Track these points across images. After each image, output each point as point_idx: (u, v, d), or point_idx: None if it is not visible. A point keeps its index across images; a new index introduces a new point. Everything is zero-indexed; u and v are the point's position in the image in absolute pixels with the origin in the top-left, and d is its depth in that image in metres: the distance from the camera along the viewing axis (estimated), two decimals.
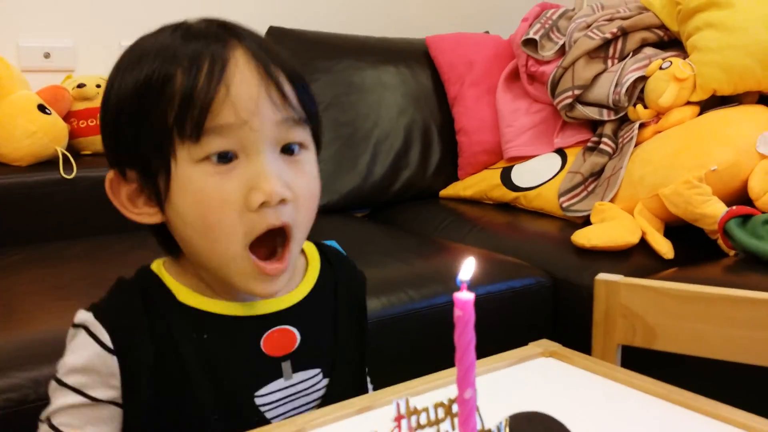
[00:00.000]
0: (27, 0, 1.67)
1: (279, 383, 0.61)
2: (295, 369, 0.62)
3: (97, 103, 1.62)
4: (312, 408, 0.63)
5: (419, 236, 1.63)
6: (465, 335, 0.34)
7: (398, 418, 0.36)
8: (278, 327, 0.62)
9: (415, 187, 1.92)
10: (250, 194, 0.56)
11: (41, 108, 1.51)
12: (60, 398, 0.59)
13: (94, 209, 1.34)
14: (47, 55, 1.72)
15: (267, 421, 0.60)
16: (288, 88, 0.59)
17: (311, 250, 0.70)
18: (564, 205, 1.62)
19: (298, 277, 0.66)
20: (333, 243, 1.19)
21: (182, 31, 0.60)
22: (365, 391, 0.71)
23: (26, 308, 1.13)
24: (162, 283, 0.62)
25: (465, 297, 0.34)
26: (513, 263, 1.40)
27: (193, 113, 0.55)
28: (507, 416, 0.41)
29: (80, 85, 1.62)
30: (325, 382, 0.64)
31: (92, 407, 0.59)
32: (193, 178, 0.56)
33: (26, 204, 1.44)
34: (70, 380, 0.59)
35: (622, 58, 1.69)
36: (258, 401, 0.60)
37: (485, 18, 2.31)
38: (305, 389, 0.63)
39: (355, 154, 1.85)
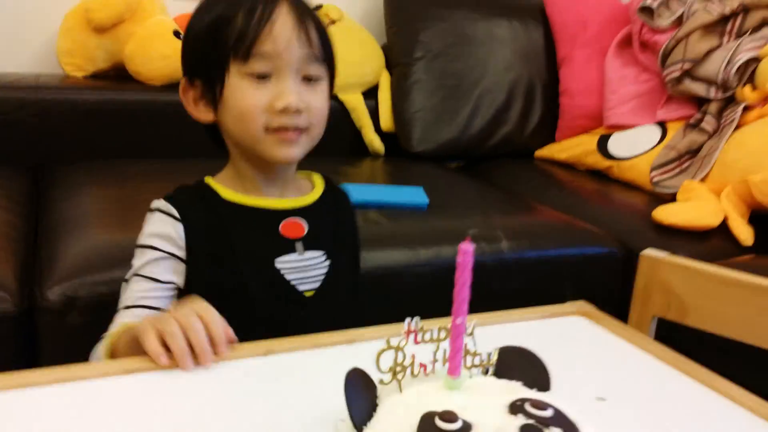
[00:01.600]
0: None
1: (294, 256, 0.82)
2: (306, 248, 0.83)
3: None
4: (319, 278, 0.83)
5: (506, 192, 1.69)
6: (463, 276, 0.43)
7: (408, 332, 0.46)
8: (292, 218, 0.83)
9: (512, 144, 1.96)
10: (275, 101, 0.78)
11: (176, 34, 1.67)
12: (143, 257, 0.78)
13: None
14: None
15: (286, 281, 0.81)
16: (313, 34, 0.79)
17: (320, 180, 0.90)
18: (654, 179, 1.63)
19: (308, 191, 0.87)
20: (349, 186, 1.29)
21: None
22: (359, 274, 0.92)
23: (141, 211, 1.30)
24: (211, 188, 0.83)
25: (467, 247, 0.43)
26: (589, 231, 1.44)
27: (246, 42, 0.77)
28: (498, 347, 0.50)
29: None
30: (328, 262, 0.84)
31: (170, 259, 0.78)
32: (239, 87, 0.78)
33: (156, 120, 1.61)
34: (149, 241, 0.78)
35: (739, 36, 1.65)
36: (277, 265, 0.81)
37: None
38: (313, 264, 0.83)
39: (457, 106, 1.90)
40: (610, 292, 1.40)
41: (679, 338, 0.84)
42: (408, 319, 0.46)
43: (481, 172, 1.90)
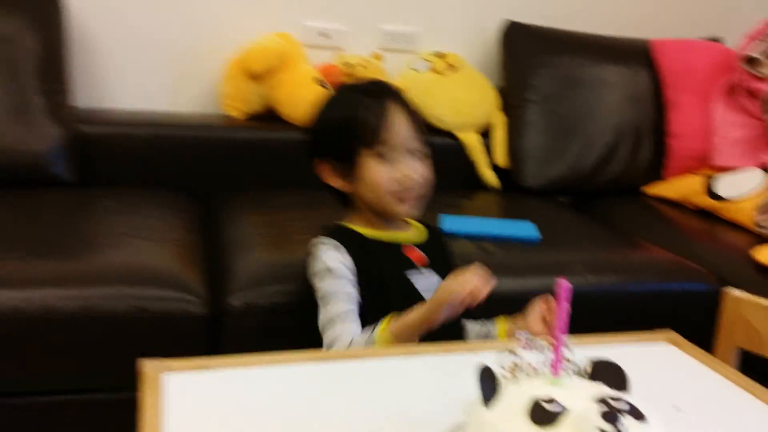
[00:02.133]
0: None
1: (416, 272, 1.12)
2: (426, 269, 1.12)
3: (359, 77, 2.00)
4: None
5: (612, 227, 1.82)
6: (562, 302, 0.61)
7: (522, 343, 0.64)
8: (410, 246, 1.14)
9: (620, 181, 2.09)
10: (396, 173, 1.08)
11: (318, 81, 1.93)
12: (335, 278, 1.05)
13: None
14: (324, 35, 2.13)
15: (416, 289, 1.08)
16: (415, 121, 1.10)
17: (419, 223, 1.20)
18: (758, 220, 1.71)
19: (411, 229, 1.18)
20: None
21: (363, 89, 1.14)
22: None
23: (293, 237, 1.53)
24: (349, 228, 1.13)
25: (564, 282, 0.61)
26: (690, 267, 1.55)
27: (373, 133, 1.07)
28: (590, 358, 0.67)
29: (347, 64, 2.02)
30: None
31: (352, 280, 1.07)
32: (370, 165, 1.08)
33: (300, 156, 1.86)
34: (337, 267, 1.06)
35: None
36: (408, 276, 1.10)
37: (716, 22, 2.33)
38: (433, 281, 1.11)
39: (566, 145, 2.05)
40: (709, 325, 1.51)
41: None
42: (522, 333, 0.65)
43: (590, 208, 2.04)
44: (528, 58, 2.13)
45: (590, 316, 1.44)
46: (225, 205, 1.68)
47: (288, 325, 1.21)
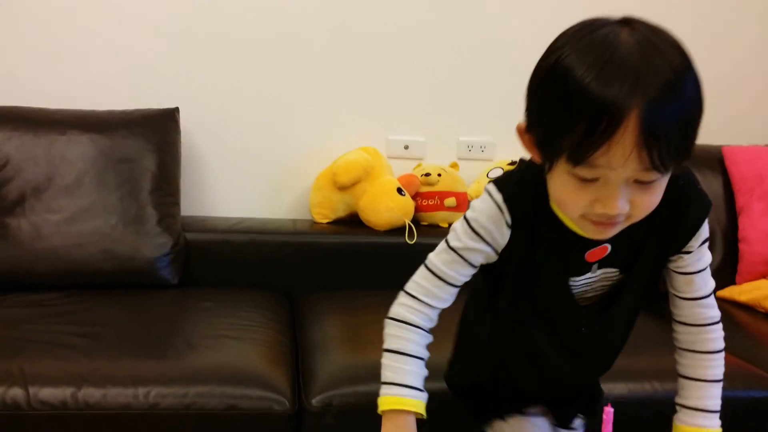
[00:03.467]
0: (394, 106, 2.27)
1: (587, 276, 0.93)
2: (600, 267, 0.93)
3: (436, 188, 2.16)
4: (603, 289, 0.94)
5: None
6: (607, 426, 0.70)
7: None
8: (600, 248, 0.90)
9: None
10: (595, 204, 0.77)
11: (399, 190, 2.09)
12: (469, 237, 0.91)
13: None
14: (406, 147, 2.31)
15: (573, 296, 0.92)
16: (660, 151, 0.71)
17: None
18: None
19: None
20: None
21: (620, 41, 0.72)
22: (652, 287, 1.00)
23: (369, 339, 1.64)
24: (545, 190, 0.86)
25: (609, 410, 0.71)
26: (757, 374, 1.57)
27: (581, 152, 0.73)
28: None
29: (426, 174, 2.18)
30: (618, 273, 0.93)
31: (489, 251, 0.91)
32: (562, 180, 0.78)
33: (380, 258, 2.02)
34: (482, 231, 0.90)
35: None
36: (570, 283, 0.93)
37: None
38: (601, 278, 0.94)
39: None
40: None
41: None
42: None
43: (660, 311, 2.06)
44: None
45: (656, 422, 1.48)
46: (310, 306, 1.83)
47: (362, 424, 1.32)
